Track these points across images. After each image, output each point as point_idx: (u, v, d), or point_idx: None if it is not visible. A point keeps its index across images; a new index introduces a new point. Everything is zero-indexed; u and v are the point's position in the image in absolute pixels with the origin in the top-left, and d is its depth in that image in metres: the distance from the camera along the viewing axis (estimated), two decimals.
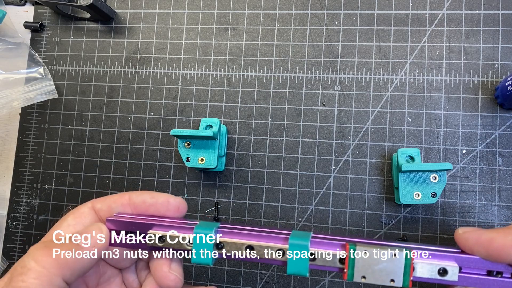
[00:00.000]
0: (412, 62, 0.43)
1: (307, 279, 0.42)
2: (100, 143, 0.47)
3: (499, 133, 0.41)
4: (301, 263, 0.24)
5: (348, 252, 0.24)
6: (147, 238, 0.26)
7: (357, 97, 0.43)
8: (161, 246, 0.26)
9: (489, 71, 0.42)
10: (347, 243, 0.24)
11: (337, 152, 0.43)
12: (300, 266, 0.24)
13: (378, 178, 0.42)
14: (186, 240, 0.25)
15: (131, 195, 0.27)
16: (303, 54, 0.45)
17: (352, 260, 0.24)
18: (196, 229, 0.25)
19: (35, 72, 0.47)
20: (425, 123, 0.42)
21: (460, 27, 0.43)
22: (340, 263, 0.24)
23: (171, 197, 0.27)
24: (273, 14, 0.46)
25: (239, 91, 0.45)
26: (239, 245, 0.25)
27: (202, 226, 0.26)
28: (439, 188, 0.38)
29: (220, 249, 0.26)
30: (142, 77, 0.47)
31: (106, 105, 0.47)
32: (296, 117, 0.44)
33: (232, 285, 0.43)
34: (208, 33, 0.47)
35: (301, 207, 0.43)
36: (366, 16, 0.44)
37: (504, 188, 0.40)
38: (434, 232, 0.41)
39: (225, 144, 0.44)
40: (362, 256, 0.24)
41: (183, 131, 0.39)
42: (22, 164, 0.48)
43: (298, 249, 0.25)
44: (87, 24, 0.49)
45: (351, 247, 0.24)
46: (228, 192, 0.44)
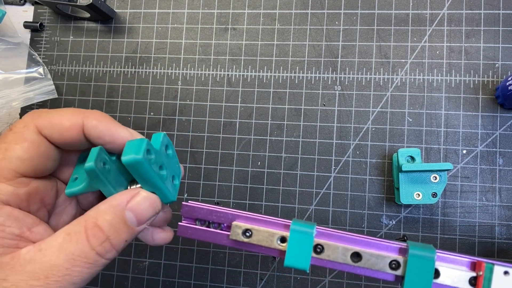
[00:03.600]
0: (412, 62, 0.43)
1: (307, 280, 0.42)
2: None
3: (500, 133, 0.41)
4: (423, 280, 0.21)
5: (484, 271, 0.21)
6: (231, 231, 0.23)
7: (357, 97, 0.43)
8: (246, 241, 0.23)
9: (489, 71, 0.42)
10: (480, 261, 0.21)
11: (337, 152, 0.43)
12: (421, 284, 0.21)
13: (378, 178, 0.42)
14: (277, 237, 0.23)
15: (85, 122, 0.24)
16: (303, 54, 0.45)
17: (488, 281, 0.20)
18: (294, 225, 0.22)
19: (34, 72, 0.47)
20: (426, 123, 0.42)
21: (460, 27, 0.43)
22: (470, 284, 0.21)
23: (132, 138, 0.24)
24: (273, 14, 0.46)
25: (239, 91, 0.45)
26: (343, 250, 0.22)
27: (299, 223, 0.22)
28: (440, 188, 0.38)
29: (319, 253, 0.22)
30: (142, 77, 0.47)
31: (106, 105, 0.47)
32: (296, 117, 0.44)
33: (232, 285, 0.43)
34: (208, 33, 0.47)
35: (301, 207, 0.43)
36: (366, 16, 0.44)
37: (504, 188, 0.40)
38: (434, 232, 0.41)
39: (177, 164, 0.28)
40: (501, 277, 0.20)
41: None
42: None
43: (421, 263, 0.21)
44: (86, 24, 0.49)
45: (487, 266, 0.21)
46: (228, 192, 0.44)
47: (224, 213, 0.24)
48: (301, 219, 0.24)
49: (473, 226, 0.40)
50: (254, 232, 0.23)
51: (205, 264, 0.43)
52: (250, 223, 0.23)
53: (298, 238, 0.22)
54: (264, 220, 0.23)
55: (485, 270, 0.21)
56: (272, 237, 0.23)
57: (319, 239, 0.22)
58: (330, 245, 0.22)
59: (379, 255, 0.22)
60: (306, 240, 0.22)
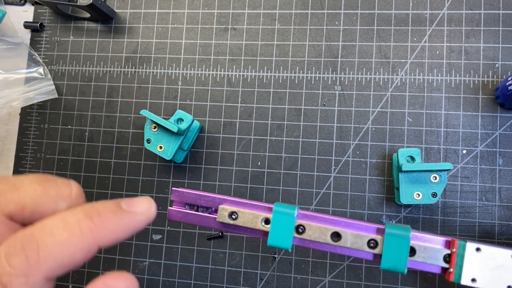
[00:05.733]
0: (412, 62, 0.43)
1: (307, 280, 0.42)
2: (100, 143, 0.47)
3: (500, 133, 0.41)
4: (399, 257, 0.21)
5: (457, 248, 0.21)
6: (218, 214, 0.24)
7: (357, 97, 0.43)
8: (231, 223, 0.24)
9: (489, 71, 0.42)
10: (454, 239, 0.22)
11: (337, 152, 0.43)
12: (397, 261, 0.21)
13: (378, 178, 0.42)
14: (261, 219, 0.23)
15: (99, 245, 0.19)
16: (303, 54, 0.45)
17: (461, 257, 0.21)
18: (276, 207, 0.23)
19: (35, 72, 0.47)
20: (426, 123, 0.42)
21: (460, 27, 0.43)
22: (444, 261, 0.21)
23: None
24: (273, 14, 0.46)
25: (239, 91, 0.45)
26: (324, 230, 0.23)
27: (282, 205, 0.24)
28: (440, 188, 0.38)
29: (300, 234, 0.23)
30: (142, 77, 0.47)
31: (106, 105, 0.47)
32: (296, 117, 0.44)
33: (232, 285, 0.43)
34: (208, 33, 0.47)
35: (301, 207, 0.43)
36: (366, 16, 0.44)
37: (504, 188, 0.40)
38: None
39: (192, 140, 0.44)
40: (473, 253, 0.21)
41: (153, 116, 0.39)
42: (22, 164, 0.48)
43: (397, 241, 0.21)
44: (87, 24, 0.49)
45: (460, 243, 0.21)
46: (228, 192, 0.44)
47: (211, 198, 0.25)
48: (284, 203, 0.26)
49: (473, 226, 0.40)
50: (239, 215, 0.24)
51: (205, 264, 0.43)
52: (236, 206, 0.24)
53: (280, 219, 0.23)
54: (250, 204, 0.24)
55: (458, 247, 0.21)
56: (257, 218, 0.24)
57: (301, 220, 0.24)
58: (312, 226, 0.23)
59: (358, 234, 0.23)
60: (288, 221, 0.23)
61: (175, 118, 0.41)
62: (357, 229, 0.23)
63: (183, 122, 0.41)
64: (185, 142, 0.43)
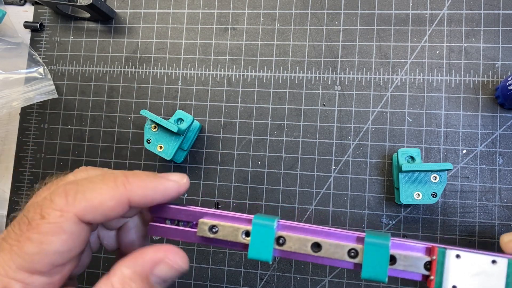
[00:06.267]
0: (412, 62, 0.43)
1: (307, 280, 0.42)
2: (100, 143, 0.47)
3: (500, 133, 0.41)
4: (379, 265, 0.21)
5: (437, 255, 0.21)
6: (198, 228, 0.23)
7: (357, 97, 0.43)
8: (212, 237, 0.23)
9: (489, 71, 0.42)
10: (434, 246, 0.22)
11: (337, 152, 0.43)
12: (377, 270, 0.21)
13: (378, 178, 0.42)
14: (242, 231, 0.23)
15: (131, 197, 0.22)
16: (303, 54, 0.45)
17: (441, 264, 0.21)
18: (256, 219, 0.23)
19: (34, 72, 0.47)
20: (426, 123, 0.42)
21: (460, 27, 0.43)
22: (425, 269, 0.21)
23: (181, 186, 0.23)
24: (273, 14, 0.46)
25: (239, 91, 0.45)
26: (304, 241, 0.23)
27: (262, 217, 0.23)
28: (440, 188, 0.38)
29: (281, 245, 0.23)
30: (142, 77, 0.47)
31: (106, 105, 0.47)
32: (296, 117, 0.44)
33: (232, 285, 0.43)
34: (208, 33, 0.47)
35: (301, 207, 0.43)
36: (366, 16, 0.44)
37: (504, 188, 0.40)
38: (434, 232, 0.41)
39: (192, 140, 0.44)
40: (453, 260, 0.21)
41: (153, 116, 0.39)
42: (22, 164, 0.48)
43: (376, 250, 0.21)
44: (87, 24, 0.49)
45: (440, 250, 0.21)
46: (228, 192, 0.44)
47: (192, 211, 0.24)
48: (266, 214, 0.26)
49: (473, 226, 0.40)
50: (220, 228, 0.24)
51: (205, 264, 0.43)
52: (216, 220, 0.24)
53: (260, 231, 0.23)
54: (230, 216, 0.24)
55: (438, 254, 0.21)
56: (237, 231, 0.23)
57: (282, 232, 0.23)
58: (292, 237, 0.23)
59: (338, 244, 0.22)
60: (268, 233, 0.23)
61: (175, 118, 0.41)
62: (337, 238, 0.23)
63: (183, 122, 0.41)
64: (185, 142, 0.43)
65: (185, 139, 0.43)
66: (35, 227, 0.20)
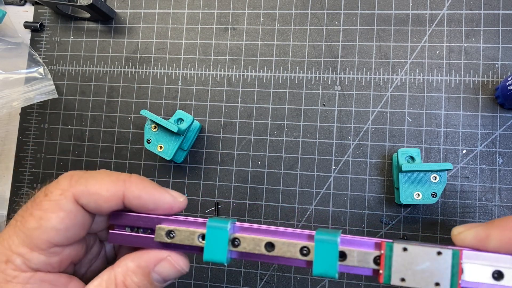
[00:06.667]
0: (412, 62, 0.43)
1: (307, 280, 0.42)
2: (100, 143, 0.47)
3: (500, 133, 0.41)
4: (329, 262, 0.22)
5: (385, 249, 0.22)
6: (155, 234, 0.24)
7: (357, 97, 0.43)
8: (169, 242, 0.24)
9: (489, 71, 0.42)
10: (382, 241, 0.22)
11: (337, 152, 0.43)
12: (328, 266, 0.22)
13: (378, 178, 0.42)
14: (198, 235, 0.24)
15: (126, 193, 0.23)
16: (303, 54, 0.45)
17: (389, 258, 0.22)
18: (210, 222, 0.24)
19: (35, 72, 0.47)
20: (426, 123, 0.42)
21: (460, 27, 0.43)
22: (374, 263, 0.22)
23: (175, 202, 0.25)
24: (273, 14, 0.46)
25: (239, 91, 0.45)
26: (258, 241, 0.23)
27: (216, 220, 0.24)
28: (440, 188, 0.38)
29: (236, 246, 0.24)
30: (142, 77, 0.47)
31: (106, 105, 0.47)
32: (296, 117, 0.44)
33: (232, 285, 0.43)
34: (208, 33, 0.47)
35: (301, 207, 0.43)
36: (366, 16, 0.44)
37: (504, 188, 0.40)
38: (434, 232, 0.41)
39: (192, 140, 0.44)
40: (400, 254, 0.21)
41: (153, 116, 0.39)
42: (22, 164, 0.48)
43: (326, 246, 0.22)
44: (87, 24, 0.49)
45: (387, 244, 0.22)
46: (228, 192, 0.44)
47: (150, 218, 0.25)
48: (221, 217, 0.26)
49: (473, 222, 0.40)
50: (176, 233, 0.24)
51: (205, 264, 0.43)
52: (173, 225, 0.24)
53: (214, 234, 0.23)
54: (187, 221, 0.24)
55: (386, 248, 0.22)
56: (193, 235, 0.24)
57: (237, 233, 0.24)
58: (246, 238, 0.23)
59: (290, 243, 0.23)
60: (222, 235, 0.23)
61: (175, 118, 0.41)
62: (290, 237, 0.23)
63: (183, 122, 0.41)
64: (185, 142, 0.43)
65: (185, 139, 0.43)
66: (38, 204, 0.22)
